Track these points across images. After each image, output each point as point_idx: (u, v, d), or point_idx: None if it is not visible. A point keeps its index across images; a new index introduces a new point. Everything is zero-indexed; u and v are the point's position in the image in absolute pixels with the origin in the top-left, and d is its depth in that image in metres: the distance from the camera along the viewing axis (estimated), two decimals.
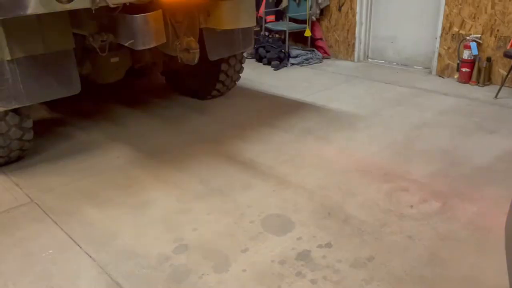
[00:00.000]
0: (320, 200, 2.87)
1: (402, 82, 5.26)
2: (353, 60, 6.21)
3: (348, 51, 6.25)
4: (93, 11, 2.59)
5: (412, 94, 4.84)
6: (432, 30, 5.38)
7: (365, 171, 3.24)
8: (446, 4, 5.09)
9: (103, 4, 2.52)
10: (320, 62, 6.27)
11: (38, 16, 2.81)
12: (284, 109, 4.55)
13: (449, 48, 5.24)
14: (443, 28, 5.21)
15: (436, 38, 5.31)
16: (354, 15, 5.98)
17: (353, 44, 6.14)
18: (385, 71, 5.73)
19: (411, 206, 2.77)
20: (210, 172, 3.29)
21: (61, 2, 2.39)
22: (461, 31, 5.08)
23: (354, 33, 6.07)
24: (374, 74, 5.62)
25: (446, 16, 5.13)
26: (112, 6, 2.63)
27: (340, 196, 2.92)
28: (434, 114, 4.26)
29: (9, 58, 2.86)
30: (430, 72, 5.52)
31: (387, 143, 3.68)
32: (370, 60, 6.22)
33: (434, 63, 5.42)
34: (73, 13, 2.90)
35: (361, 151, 3.55)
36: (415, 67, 5.74)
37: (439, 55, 5.35)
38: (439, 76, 5.42)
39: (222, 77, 4.66)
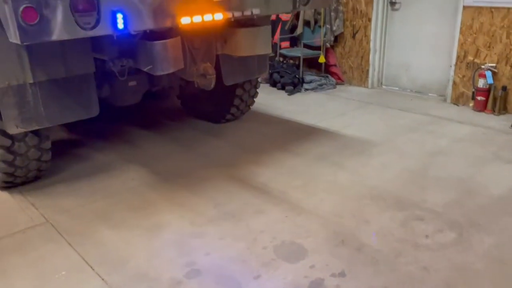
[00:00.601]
0: (333, 227, 2.85)
1: (417, 109, 5.25)
2: (367, 87, 6.24)
3: (362, 77, 6.29)
4: (115, 37, 2.67)
5: (426, 122, 4.83)
6: (447, 58, 5.40)
7: (379, 198, 3.21)
8: (460, 33, 5.12)
9: (124, 31, 2.60)
10: (334, 88, 6.31)
11: (61, 41, 2.90)
12: (297, 134, 4.57)
13: (464, 76, 5.24)
14: (458, 57, 5.22)
15: (450, 66, 5.33)
16: (368, 42, 6.04)
17: (367, 71, 6.18)
18: (399, 98, 5.73)
19: (426, 236, 2.73)
20: (224, 196, 3.30)
21: (84, 29, 2.48)
22: (476, 60, 5.09)
23: (368, 60, 6.12)
24: (388, 101, 5.63)
25: (461, 45, 5.16)
26: (133, 33, 2.72)
27: (353, 223, 2.90)
28: (449, 142, 4.24)
29: (31, 81, 2.95)
30: (445, 100, 5.51)
31: (401, 170, 3.66)
32: (384, 86, 6.24)
33: (449, 91, 5.42)
34: (94, 39, 3.00)
35: (375, 178, 3.53)
36: (430, 94, 5.74)
37: (454, 83, 5.35)
38: (454, 104, 5.40)
39: (236, 101, 4.72)
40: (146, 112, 5.35)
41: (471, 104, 5.20)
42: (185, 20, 2.89)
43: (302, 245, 2.67)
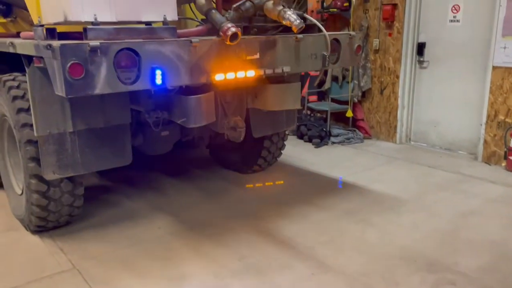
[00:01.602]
0: None
1: (446, 167, 5.16)
2: (395, 142, 6.21)
3: (389, 132, 6.28)
4: (152, 92, 2.81)
5: (457, 180, 4.73)
6: (477, 116, 5.37)
7: (409, 259, 3.11)
8: (490, 92, 5.11)
9: (162, 86, 2.74)
10: (361, 142, 6.32)
11: (102, 94, 3.07)
12: (324, 187, 4.55)
13: (495, 135, 5.17)
14: (488, 115, 5.18)
15: (481, 124, 5.27)
16: (396, 99, 6.09)
17: (395, 126, 6.18)
18: (428, 155, 5.67)
19: None
20: (248, 249, 3.27)
21: (125, 84, 2.63)
22: (507, 119, 5.03)
23: (396, 116, 6.14)
24: (417, 157, 5.57)
25: (491, 104, 5.13)
26: (170, 88, 2.86)
27: (382, 285, 2.80)
28: (482, 203, 4.11)
29: (71, 130, 3.10)
30: (476, 158, 5.41)
31: (432, 230, 3.56)
32: (412, 142, 6.20)
33: (480, 149, 5.33)
34: (132, 91, 3.16)
35: (405, 237, 3.43)
36: (460, 152, 5.65)
37: (485, 141, 5.27)
38: (486, 163, 5.29)
39: (264, 153, 4.79)
40: (176, 160, 5.47)
41: (503, 164, 5.08)
42: (219, 77, 3.02)
43: None
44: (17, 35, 3.88)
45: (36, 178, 3.18)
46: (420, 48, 5.82)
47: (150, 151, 4.25)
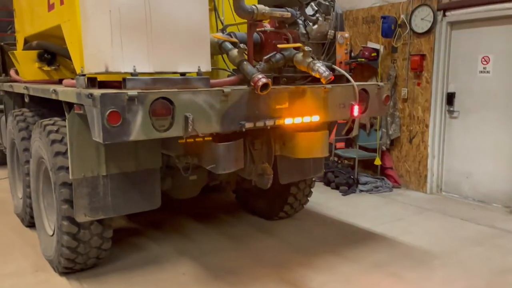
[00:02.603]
0: None
1: (480, 220, 4.97)
2: (425, 192, 6.06)
3: (419, 182, 6.15)
4: (184, 138, 2.89)
5: (492, 235, 4.53)
6: (511, 168, 5.21)
7: None
8: None
9: (193, 133, 2.82)
10: (390, 191, 6.19)
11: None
12: (352, 237, 4.44)
13: None
14: None
15: None
16: (426, 148, 6.01)
17: (425, 176, 6.06)
18: (461, 207, 5.48)
19: None
20: None
21: (159, 131, 2.72)
22: None
23: (426, 165, 6.03)
24: (448, 209, 5.39)
25: None
26: (201, 135, 2.93)
27: None
28: None
29: (104, 173, 3.20)
30: (511, 212, 5.19)
31: None
32: (443, 193, 6.03)
33: None
34: (165, 138, 3.26)
35: None
36: (494, 204, 5.45)
37: None
38: None
39: (290, 199, 4.76)
40: (202, 204, 5.49)
41: None
42: (248, 125, 3.08)
43: None
44: (59, 81, 4.11)
45: (68, 220, 3.25)
46: (450, 98, 5.79)
47: (178, 195, 4.30)
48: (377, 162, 6.37)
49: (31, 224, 4.45)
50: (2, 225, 4.77)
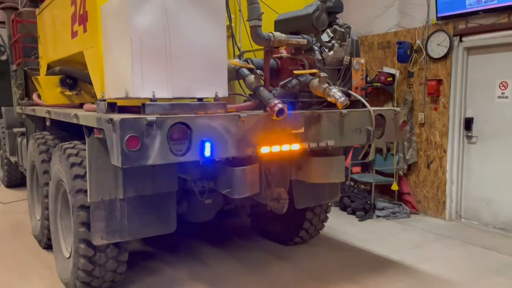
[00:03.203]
0: None
1: (502, 248, 4.82)
2: (444, 218, 5.93)
3: (438, 208, 6.03)
4: (200, 163, 2.91)
5: None
6: None
7: None
8: None
9: (210, 158, 2.84)
10: (408, 217, 6.08)
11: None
12: (369, 264, 4.35)
13: None
14: None
15: None
16: (444, 173, 5.92)
17: (444, 202, 5.94)
18: (481, 234, 5.34)
19: None
20: None
21: (176, 155, 2.75)
22: None
23: (444, 191, 5.92)
24: (468, 236, 5.26)
25: None
26: (217, 159, 2.96)
27: None
28: None
29: (121, 196, 3.22)
30: None
31: None
32: (463, 220, 5.89)
33: None
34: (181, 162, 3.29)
35: None
36: None
37: None
38: None
39: (306, 225, 4.71)
40: (217, 228, 5.47)
41: None
42: (264, 149, 3.10)
43: None
44: (80, 106, 4.22)
45: (85, 243, 3.28)
46: (468, 123, 5.73)
47: (193, 219, 4.30)
48: (394, 187, 6.29)
49: (48, 246, 4.50)
50: (20, 246, 4.83)
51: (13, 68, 6.42)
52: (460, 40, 5.67)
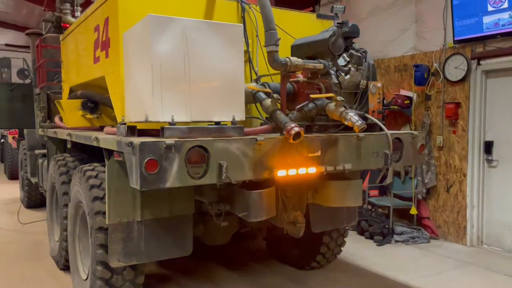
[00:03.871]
0: None
1: None
2: (465, 244, 5.77)
3: (459, 233, 5.88)
4: (217, 186, 2.93)
5: None
6: None
7: None
8: None
9: (227, 181, 2.86)
10: (428, 242, 5.94)
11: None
12: None
13: None
14: None
15: None
16: (464, 197, 5.80)
17: (464, 227, 5.80)
18: (504, 261, 5.17)
19: None
20: None
21: (193, 178, 2.77)
22: None
23: (465, 216, 5.79)
24: (490, 263, 5.10)
25: None
26: (234, 182, 2.97)
27: None
28: None
29: (139, 219, 3.25)
30: None
31: None
32: (485, 245, 5.73)
33: None
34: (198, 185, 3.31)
35: None
36: None
37: None
38: None
39: (323, 249, 4.64)
40: (233, 251, 5.43)
41: None
42: (281, 173, 3.10)
43: None
44: (100, 128, 4.30)
45: (102, 265, 3.29)
46: (488, 147, 5.64)
47: (209, 241, 4.29)
48: (413, 211, 6.17)
49: (65, 267, 4.53)
50: (38, 267, 4.88)
51: (37, 92, 6.61)
52: (478, 63, 5.64)
